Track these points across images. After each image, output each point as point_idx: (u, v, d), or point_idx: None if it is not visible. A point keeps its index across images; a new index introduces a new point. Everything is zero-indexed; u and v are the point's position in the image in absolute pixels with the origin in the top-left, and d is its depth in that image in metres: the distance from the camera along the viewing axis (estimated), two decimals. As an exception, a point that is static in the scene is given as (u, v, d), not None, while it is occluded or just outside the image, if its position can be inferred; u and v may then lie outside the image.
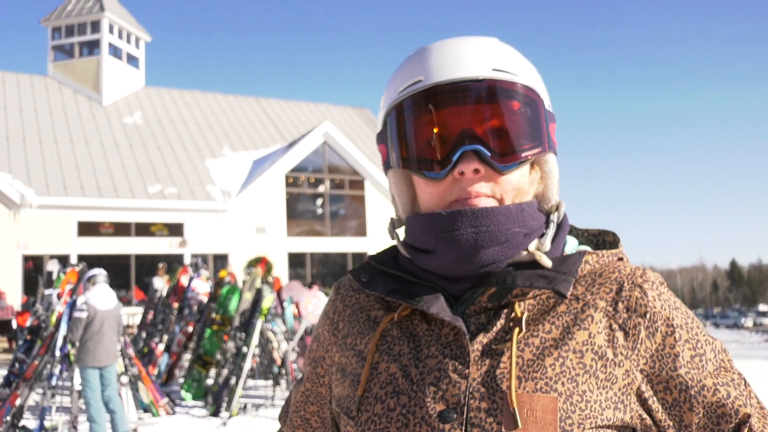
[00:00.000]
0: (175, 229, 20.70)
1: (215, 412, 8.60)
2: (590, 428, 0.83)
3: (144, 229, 20.31)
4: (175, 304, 11.15)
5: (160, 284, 12.07)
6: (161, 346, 10.90)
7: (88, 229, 19.48)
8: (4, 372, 10.00)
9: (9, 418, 7.15)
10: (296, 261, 22.73)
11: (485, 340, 0.88)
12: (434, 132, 0.91)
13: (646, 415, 0.88)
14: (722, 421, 0.88)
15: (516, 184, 0.92)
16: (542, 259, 0.89)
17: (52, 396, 7.21)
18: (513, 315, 0.89)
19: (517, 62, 0.94)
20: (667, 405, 0.88)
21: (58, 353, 7.24)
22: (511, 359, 0.84)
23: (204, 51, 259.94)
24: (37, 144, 20.74)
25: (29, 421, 7.96)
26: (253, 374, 10.58)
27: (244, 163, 23.56)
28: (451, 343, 0.89)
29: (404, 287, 0.94)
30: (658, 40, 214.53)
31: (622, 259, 0.97)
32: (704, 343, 0.91)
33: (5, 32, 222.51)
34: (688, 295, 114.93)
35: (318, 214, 23.77)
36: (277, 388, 9.72)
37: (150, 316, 11.61)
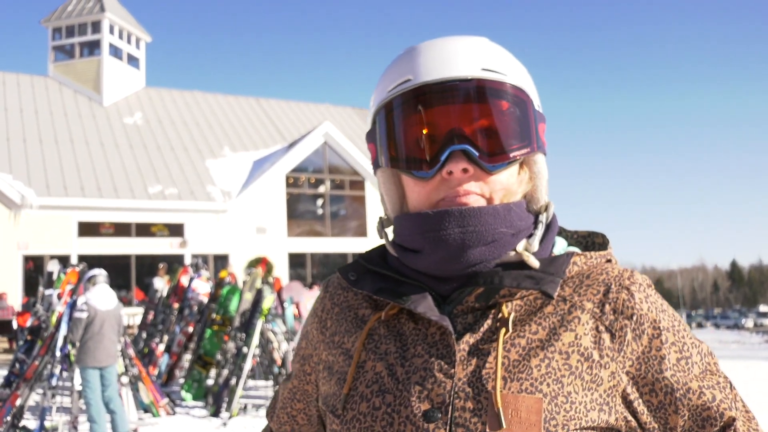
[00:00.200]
0: (176, 230, 20.70)
1: (215, 413, 8.60)
2: (575, 430, 0.82)
3: (144, 230, 20.32)
4: (176, 305, 11.16)
5: (161, 285, 12.07)
6: (161, 347, 10.90)
7: (88, 229, 19.49)
8: (5, 372, 10.01)
9: (9, 419, 7.15)
10: (297, 261, 22.74)
11: (472, 340, 0.88)
12: (423, 131, 0.90)
13: (631, 418, 0.87)
14: (707, 424, 0.88)
15: (505, 184, 0.92)
16: (530, 259, 0.89)
17: (53, 396, 7.21)
18: (500, 315, 0.88)
19: (507, 62, 0.94)
20: (653, 407, 0.87)
21: (58, 353, 7.25)
22: (497, 359, 0.83)
23: (204, 51, 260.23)
24: (38, 144, 20.75)
25: (29, 422, 7.97)
26: (253, 375, 10.57)
27: (245, 164, 23.57)
28: (438, 343, 0.88)
29: (392, 286, 0.94)
30: (660, 41, 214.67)
31: (610, 261, 0.97)
32: (690, 346, 0.90)
33: (6, 33, 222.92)
34: (689, 296, 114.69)
35: (318, 215, 23.78)
36: (278, 389, 9.70)
37: (150, 317, 11.62)
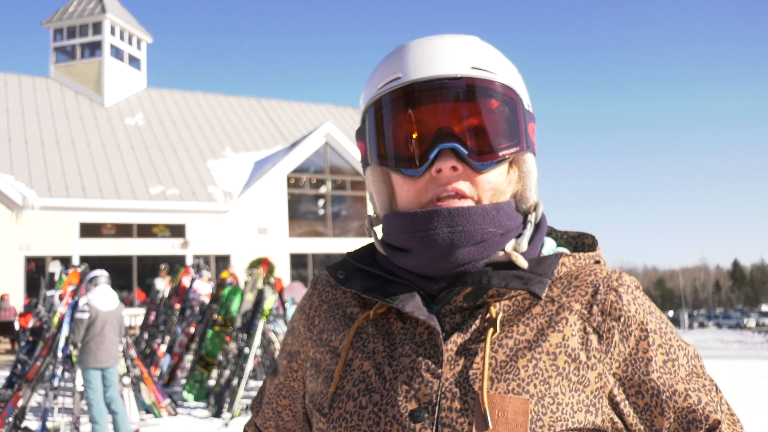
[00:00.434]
0: (177, 230, 20.73)
1: (217, 413, 8.61)
2: (561, 431, 0.82)
3: (146, 230, 20.35)
4: (177, 305, 11.17)
5: (162, 285, 12.09)
6: (163, 347, 10.92)
7: (90, 230, 19.52)
8: (7, 373, 10.03)
9: (11, 419, 7.17)
10: (298, 262, 22.76)
11: (459, 340, 0.87)
12: (412, 130, 0.90)
13: (617, 419, 0.87)
14: (692, 427, 0.88)
15: (493, 183, 0.92)
16: (518, 260, 0.89)
17: (54, 397, 7.22)
18: (488, 315, 0.88)
19: (497, 61, 0.94)
20: (639, 409, 0.87)
21: (60, 354, 7.25)
22: (485, 360, 0.83)
23: (205, 52, 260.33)
24: (39, 145, 20.79)
25: (31, 422, 7.99)
26: (255, 375, 10.58)
27: (246, 164, 23.59)
28: (425, 342, 0.88)
29: (380, 285, 0.94)
30: (662, 41, 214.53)
31: (599, 262, 0.97)
32: (677, 349, 0.90)
33: (7, 34, 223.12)
34: (691, 296, 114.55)
35: (320, 215, 23.80)
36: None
37: (152, 317, 11.63)
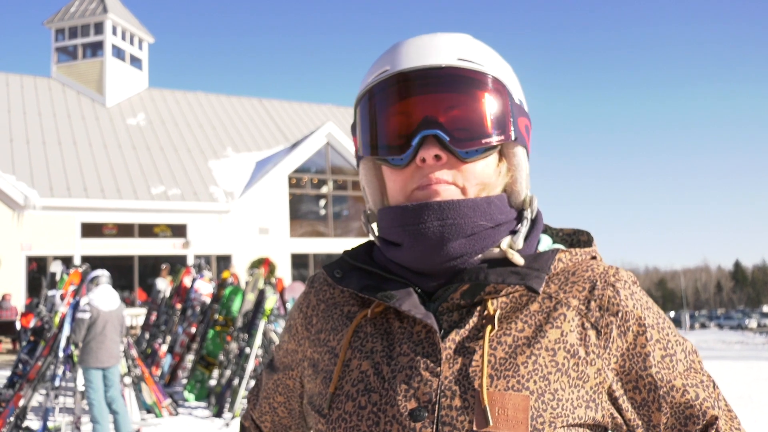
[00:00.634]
0: (179, 230, 20.74)
1: (218, 413, 8.61)
2: (561, 427, 0.82)
3: (147, 230, 20.36)
4: (178, 305, 11.19)
5: (163, 285, 12.10)
6: (164, 347, 10.93)
7: (91, 230, 19.54)
8: (8, 373, 10.04)
9: (12, 419, 7.17)
10: (299, 262, 22.77)
11: (457, 338, 0.87)
12: (397, 119, 0.90)
13: (617, 414, 0.88)
14: (690, 422, 0.88)
15: (479, 175, 0.91)
16: (514, 257, 0.89)
17: (56, 397, 7.22)
18: (486, 312, 0.88)
19: (485, 54, 0.94)
20: (636, 404, 0.87)
21: (61, 354, 7.25)
22: (483, 357, 0.83)
23: (207, 52, 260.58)
24: (41, 145, 20.81)
25: (32, 422, 7.99)
26: (256, 375, 10.60)
27: (247, 164, 23.60)
28: (423, 341, 0.88)
29: (377, 283, 0.93)
30: (664, 41, 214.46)
31: (595, 258, 0.97)
32: (675, 344, 0.90)
33: (8, 34, 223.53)
34: (692, 296, 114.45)
35: (321, 215, 23.81)
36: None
37: (153, 317, 11.65)
